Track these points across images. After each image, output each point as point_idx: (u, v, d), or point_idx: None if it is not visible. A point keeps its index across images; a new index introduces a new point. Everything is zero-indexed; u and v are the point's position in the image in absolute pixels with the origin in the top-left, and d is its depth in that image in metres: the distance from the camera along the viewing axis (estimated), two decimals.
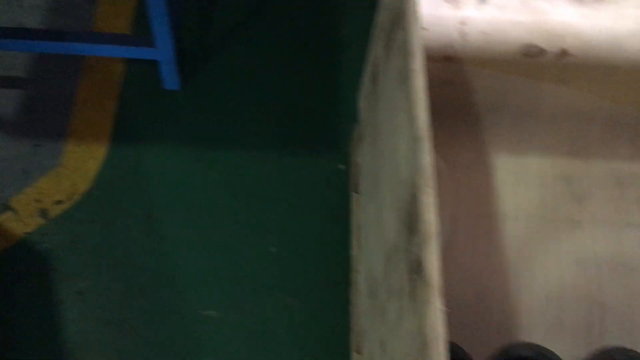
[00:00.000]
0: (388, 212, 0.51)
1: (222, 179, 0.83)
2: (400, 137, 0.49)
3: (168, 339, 0.72)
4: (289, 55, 0.94)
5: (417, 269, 0.38)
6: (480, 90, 0.74)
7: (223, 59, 0.93)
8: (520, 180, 0.74)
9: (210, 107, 0.88)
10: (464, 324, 0.62)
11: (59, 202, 0.80)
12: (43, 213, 0.79)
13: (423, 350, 0.35)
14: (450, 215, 0.69)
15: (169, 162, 0.83)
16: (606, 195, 0.73)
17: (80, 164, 0.82)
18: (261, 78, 0.91)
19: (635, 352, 0.55)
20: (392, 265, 0.47)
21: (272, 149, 0.86)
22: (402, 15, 0.53)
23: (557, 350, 0.62)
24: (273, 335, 0.73)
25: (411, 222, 0.40)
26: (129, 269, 0.75)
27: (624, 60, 0.69)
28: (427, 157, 0.41)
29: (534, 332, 0.63)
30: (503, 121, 0.77)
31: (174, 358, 0.71)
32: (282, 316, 0.74)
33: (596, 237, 0.70)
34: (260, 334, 0.72)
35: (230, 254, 0.77)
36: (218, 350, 0.71)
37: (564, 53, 0.69)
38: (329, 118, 0.88)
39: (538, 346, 0.55)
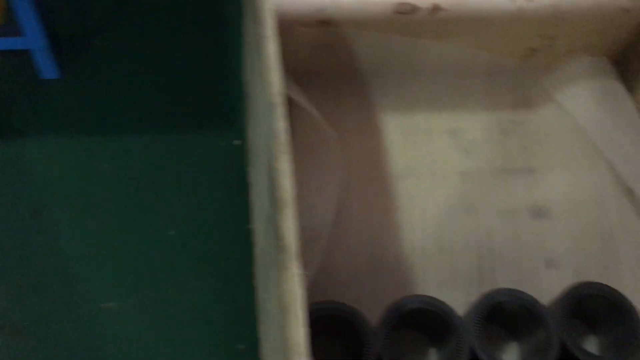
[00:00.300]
0: (262, 181, 0.50)
1: (113, 166, 0.80)
2: (260, 105, 0.48)
3: (67, 337, 0.69)
4: (173, 33, 0.91)
5: (277, 235, 0.37)
6: (361, 52, 0.74)
7: (104, 42, 0.89)
8: (409, 138, 0.75)
9: (94, 94, 0.85)
10: (362, 286, 0.63)
11: None
12: None
13: (283, 316, 0.35)
14: (342, 180, 0.69)
15: (54, 154, 0.80)
16: (491, 145, 0.75)
17: None
18: (145, 59, 0.88)
19: (518, 290, 0.57)
20: (268, 234, 0.46)
21: (164, 131, 0.83)
22: None
23: (451, 299, 0.63)
24: (177, 319, 0.71)
25: (271, 189, 0.40)
26: (18, 269, 0.72)
27: (495, 12, 0.70)
28: (280, 124, 0.41)
29: (429, 285, 0.64)
30: (388, 81, 0.77)
31: (75, 356, 0.69)
32: (186, 299, 0.73)
33: (484, 186, 0.72)
34: (164, 319, 0.71)
35: (126, 243, 0.75)
36: (121, 340, 0.70)
37: (436, 8, 0.69)
38: (220, 94, 0.87)
39: (427, 297, 0.56)
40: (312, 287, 0.62)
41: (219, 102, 0.86)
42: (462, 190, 0.71)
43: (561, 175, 0.73)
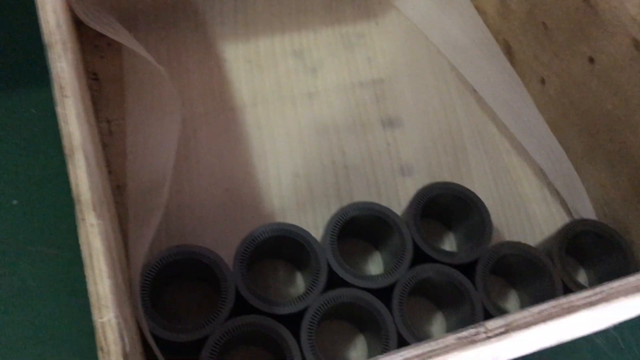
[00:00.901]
0: None
1: None
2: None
3: None
4: None
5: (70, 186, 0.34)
6: None
7: None
8: (253, 65, 0.72)
9: None
10: (220, 224, 0.61)
11: None
12: None
13: (87, 270, 0.32)
14: (182, 120, 0.66)
15: None
16: (338, 61, 0.74)
17: None
18: None
19: (369, 202, 0.57)
20: None
21: None
22: None
23: (311, 220, 0.63)
24: (33, 290, 0.67)
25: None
26: None
27: None
28: (59, 64, 0.37)
29: (288, 212, 0.63)
30: (223, 9, 0.73)
31: None
32: (40, 269, 0.68)
33: (333, 104, 0.71)
34: (18, 291, 0.66)
35: None
36: None
37: None
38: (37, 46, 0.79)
39: (279, 224, 0.55)
40: (164, 233, 0.60)
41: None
42: (312, 112, 0.70)
43: (408, 83, 0.73)
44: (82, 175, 0.33)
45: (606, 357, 0.60)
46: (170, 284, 0.57)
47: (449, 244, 0.64)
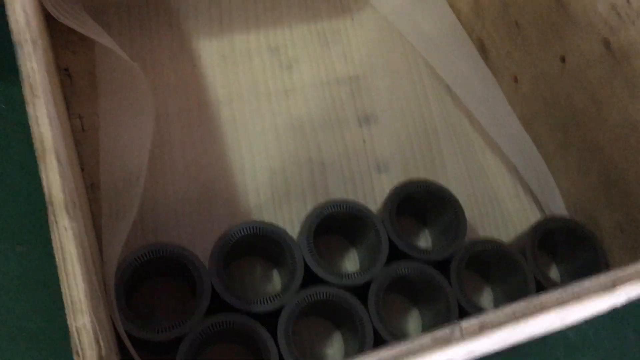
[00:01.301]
0: None
1: None
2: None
3: None
4: None
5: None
6: None
7: None
8: (228, 61, 0.71)
9: None
10: (196, 222, 0.61)
11: None
12: None
13: (60, 273, 0.31)
14: (155, 117, 0.65)
15: None
16: (314, 57, 0.74)
17: None
18: None
19: (346, 200, 0.57)
20: None
21: None
22: None
23: (287, 216, 0.63)
24: (3, 287, 0.66)
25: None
26: None
27: None
28: (29, 64, 0.36)
29: (264, 208, 0.63)
30: (197, 3, 0.72)
31: None
32: (12, 266, 0.67)
33: (309, 100, 0.71)
34: None
35: None
36: None
37: None
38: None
39: (254, 222, 0.55)
40: (139, 229, 0.59)
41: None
42: (288, 108, 0.69)
43: (384, 80, 0.73)
44: (55, 178, 0.32)
45: (578, 350, 0.61)
46: (146, 282, 0.56)
47: (425, 240, 0.65)
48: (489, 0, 0.72)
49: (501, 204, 0.68)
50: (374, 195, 0.66)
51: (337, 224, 0.59)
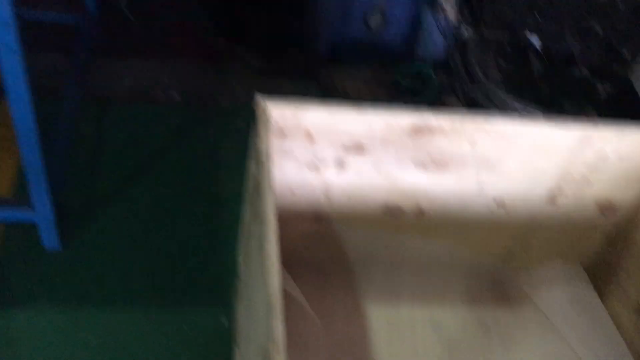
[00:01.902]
0: None
1: (98, 341, 0.80)
2: (259, 302, 0.51)
3: None
4: (172, 212, 0.96)
5: None
6: (350, 245, 0.80)
7: (108, 215, 0.94)
8: (393, 328, 0.78)
9: (91, 268, 0.88)
10: None
11: None
12: None
13: None
14: None
15: (42, 325, 0.80)
16: (473, 340, 0.78)
17: None
18: (144, 235, 0.93)
19: None
20: None
21: (154, 305, 0.85)
22: (259, 184, 0.58)
23: None
24: None
25: None
26: None
27: (471, 217, 0.77)
28: (276, 323, 0.43)
29: None
30: (374, 273, 0.82)
31: None
32: None
33: None
34: None
35: None
36: None
37: (420, 212, 0.76)
38: (212, 272, 0.90)
39: None
40: None
41: (211, 280, 0.89)
42: None
43: None
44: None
45: None
46: None
47: None
48: None
49: None
50: None
51: None
